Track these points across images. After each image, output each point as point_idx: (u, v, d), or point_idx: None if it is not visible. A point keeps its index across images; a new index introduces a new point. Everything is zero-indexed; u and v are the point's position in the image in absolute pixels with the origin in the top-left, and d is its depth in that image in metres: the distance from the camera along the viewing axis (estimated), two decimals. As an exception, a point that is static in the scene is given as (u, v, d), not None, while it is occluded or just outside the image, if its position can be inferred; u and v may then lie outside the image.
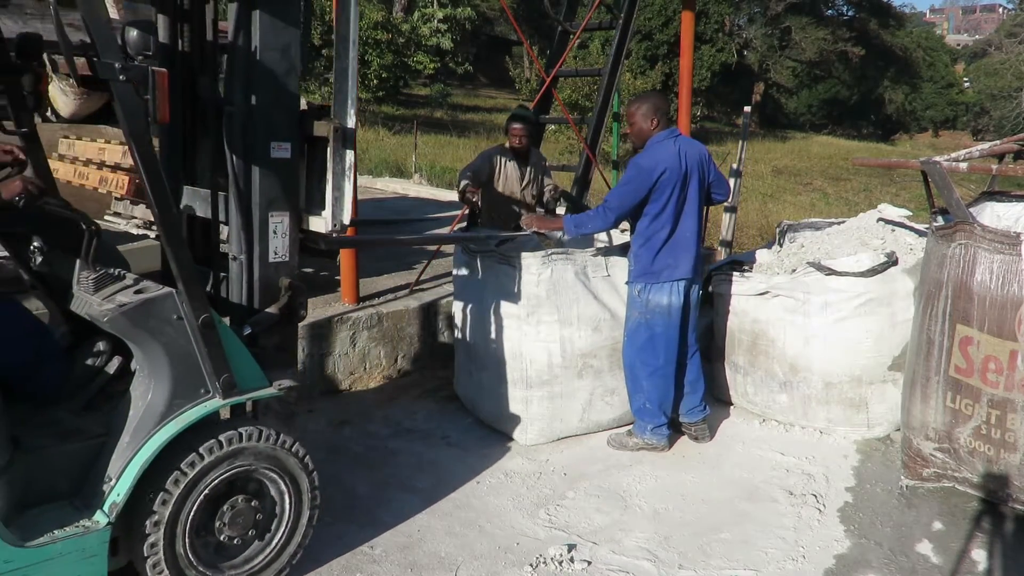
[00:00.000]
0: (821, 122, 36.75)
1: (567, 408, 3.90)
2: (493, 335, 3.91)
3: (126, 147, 5.18)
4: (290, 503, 2.64)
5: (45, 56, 5.79)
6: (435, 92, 26.31)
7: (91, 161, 5.09)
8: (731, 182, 6.55)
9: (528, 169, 4.87)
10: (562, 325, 3.82)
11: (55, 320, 2.69)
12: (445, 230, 5.87)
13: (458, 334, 4.29)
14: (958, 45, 53.64)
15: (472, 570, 2.88)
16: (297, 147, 2.71)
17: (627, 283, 3.82)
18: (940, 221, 3.58)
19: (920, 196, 8.89)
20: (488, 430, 4.03)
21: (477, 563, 2.91)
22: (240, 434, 2.48)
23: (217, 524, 2.51)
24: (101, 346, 2.60)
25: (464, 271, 4.13)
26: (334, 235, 2.78)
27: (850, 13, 34.87)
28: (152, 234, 4.35)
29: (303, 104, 2.86)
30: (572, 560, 2.92)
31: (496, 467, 3.64)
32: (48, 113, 6.34)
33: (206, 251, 2.93)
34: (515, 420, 3.87)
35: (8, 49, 2.58)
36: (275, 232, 2.70)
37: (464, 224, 4.61)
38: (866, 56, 33.27)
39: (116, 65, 2.10)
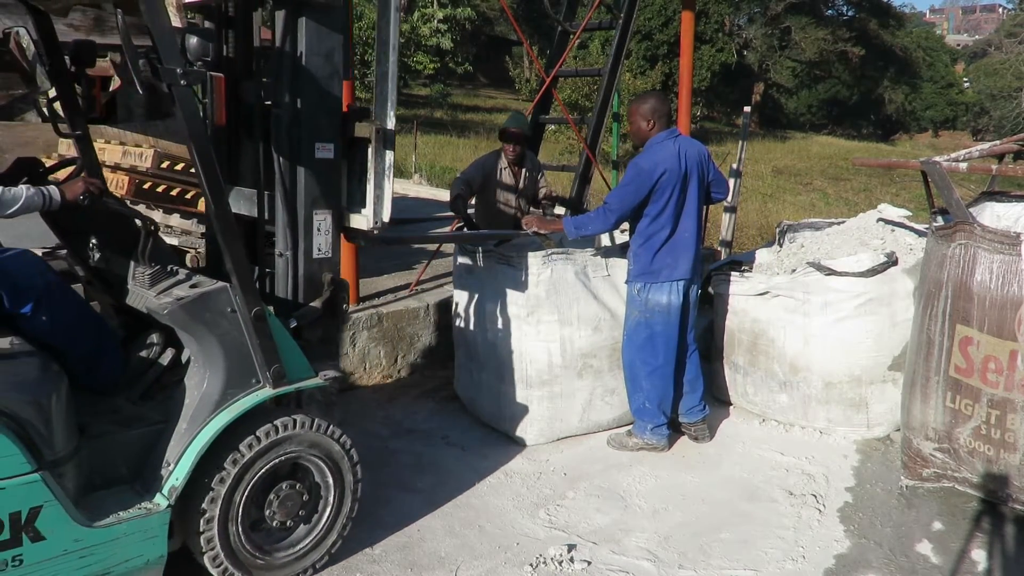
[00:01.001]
0: (821, 122, 36.76)
1: (567, 408, 3.90)
2: (493, 335, 3.91)
3: (125, 148, 5.20)
4: (334, 488, 2.75)
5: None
6: (435, 92, 26.31)
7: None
8: (731, 182, 6.55)
9: (523, 174, 4.86)
10: (562, 325, 3.82)
11: (110, 314, 2.77)
12: (445, 229, 5.88)
13: (458, 334, 4.29)
14: (958, 45, 53.65)
15: (472, 570, 2.88)
16: (339, 148, 2.81)
17: (626, 282, 3.83)
18: (940, 221, 3.58)
19: (920, 196, 8.89)
20: (488, 430, 4.03)
21: (477, 563, 2.91)
22: (289, 422, 2.59)
23: (267, 508, 2.62)
24: (154, 338, 2.72)
25: (464, 271, 4.13)
26: (375, 232, 2.88)
27: (850, 13, 34.88)
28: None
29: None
30: (572, 560, 2.92)
31: (496, 467, 3.64)
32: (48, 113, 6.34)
33: (251, 248, 3.02)
34: (515, 420, 3.87)
35: (64, 56, 2.70)
36: (319, 229, 2.80)
37: (461, 225, 4.60)
38: (866, 56, 33.27)
39: (177, 70, 2.21)
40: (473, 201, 4.89)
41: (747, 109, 7.33)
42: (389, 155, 2.77)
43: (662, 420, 3.81)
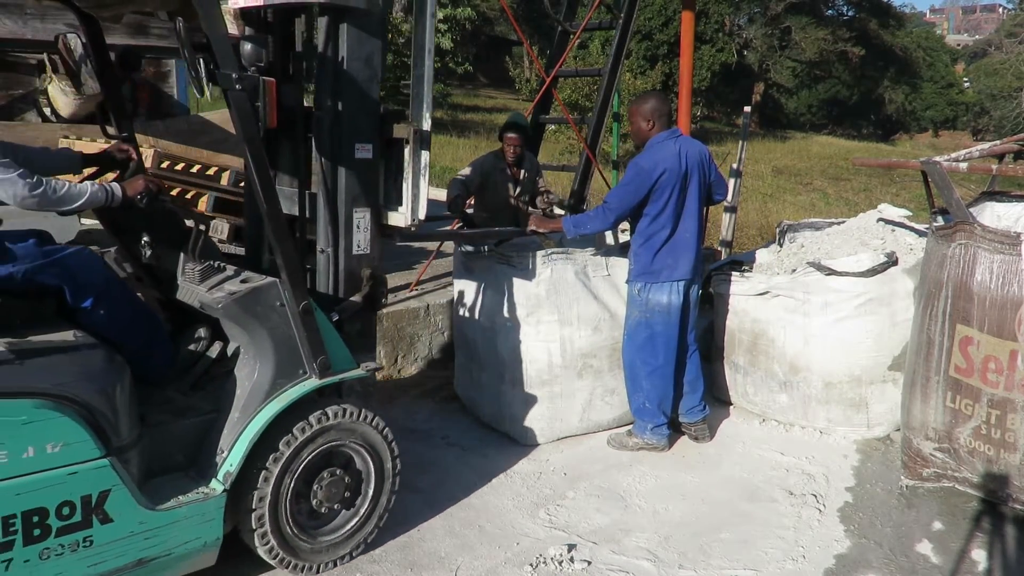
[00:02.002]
0: (821, 122, 36.74)
1: (567, 408, 3.90)
2: (493, 335, 3.91)
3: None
4: (375, 475, 2.87)
5: (45, 56, 5.80)
6: (435, 92, 26.25)
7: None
8: (731, 182, 6.55)
9: (522, 175, 4.85)
10: (562, 325, 3.82)
11: (157, 308, 2.87)
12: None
13: (458, 334, 4.29)
14: (958, 45, 53.62)
15: (472, 570, 2.88)
16: (378, 148, 2.92)
17: (627, 282, 3.82)
18: (940, 221, 3.58)
19: (920, 196, 8.88)
20: (488, 430, 4.03)
21: (477, 563, 2.91)
22: (336, 410, 2.71)
23: (313, 494, 2.73)
24: (201, 332, 2.82)
25: (464, 271, 4.13)
26: (412, 229, 3.01)
27: (850, 13, 34.86)
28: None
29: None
30: (572, 560, 2.92)
31: (496, 467, 3.64)
32: (48, 113, 6.35)
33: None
34: (515, 420, 3.87)
35: (111, 61, 2.81)
36: (358, 226, 2.92)
37: (461, 225, 4.61)
38: (866, 56, 33.25)
39: (233, 75, 2.33)
40: (472, 201, 4.89)
41: (747, 109, 7.33)
42: (425, 155, 2.90)
43: (662, 420, 3.81)
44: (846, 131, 35.80)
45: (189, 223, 2.79)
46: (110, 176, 2.89)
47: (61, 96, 6.01)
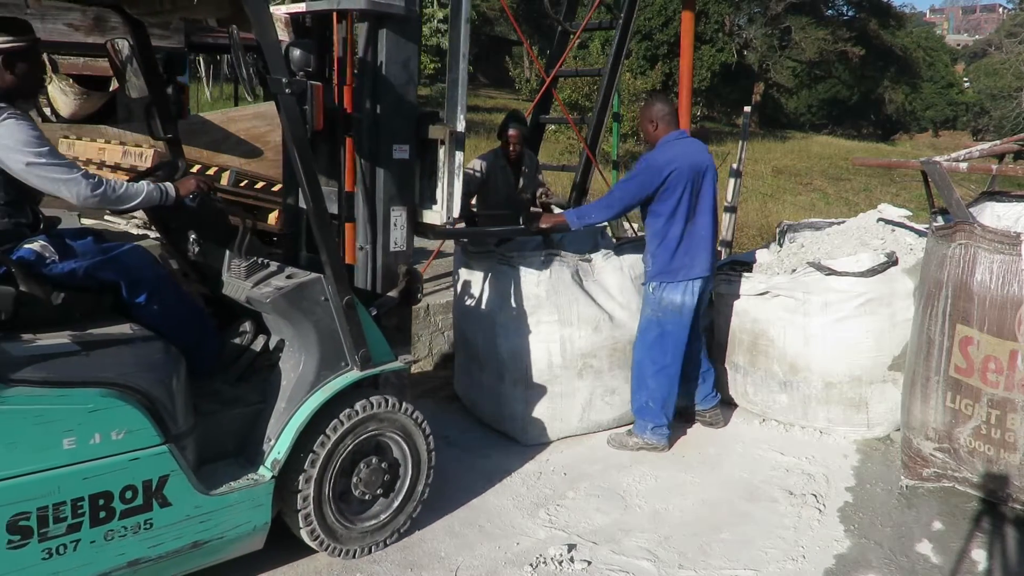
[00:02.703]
0: (821, 122, 36.71)
1: (567, 408, 3.90)
2: (493, 335, 3.91)
3: (125, 147, 5.20)
4: (412, 463, 2.97)
5: (45, 56, 5.80)
6: (435, 92, 26.28)
7: (91, 161, 5.09)
8: (731, 182, 6.55)
9: (522, 171, 4.86)
10: (562, 325, 3.82)
11: (203, 304, 2.98)
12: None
13: (458, 334, 4.29)
14: (958, 45, 53.63)
15: (472, 570, 2.88)
16: (414, 149, 3.03)
17: (643, 283, 3.86)
18: (940, 221, 3.58)
19: (920, 196, 8.88)
20: (488, 430, 4.03)
21: (477, 563, 2.91)
22: (375, 401, 2.83)
23: (353, 482, 2.84)
24: (246, 326, 2.94)
25: (464, 271, 4.13)
26: (447, 227, 3.13)
27: (850, 13, 34.83)
28: (152, 234, 4.42)
29: None
30: (572, 560, 2.92)
31: (496, 467, 3.64)
32: (48, 113, 6.35)
33: None
34: (515, 420, 3.87)
35: (157, 64, 2.98)
36: (395, 224, 3.04)
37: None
38: (866, 56, 33.22)
39: (283, 80, 2.44)
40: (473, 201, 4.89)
41: (747, 109, 7.32)
42: (459, 155, 3.00)
43: (663, 420, 3.82)
44: (846, 131, 35.79)
45: (234, 221, 2.90)
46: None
47: (61, 96, 6.02)
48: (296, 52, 2.59)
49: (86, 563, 2.24)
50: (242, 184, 4.44)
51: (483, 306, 3.98)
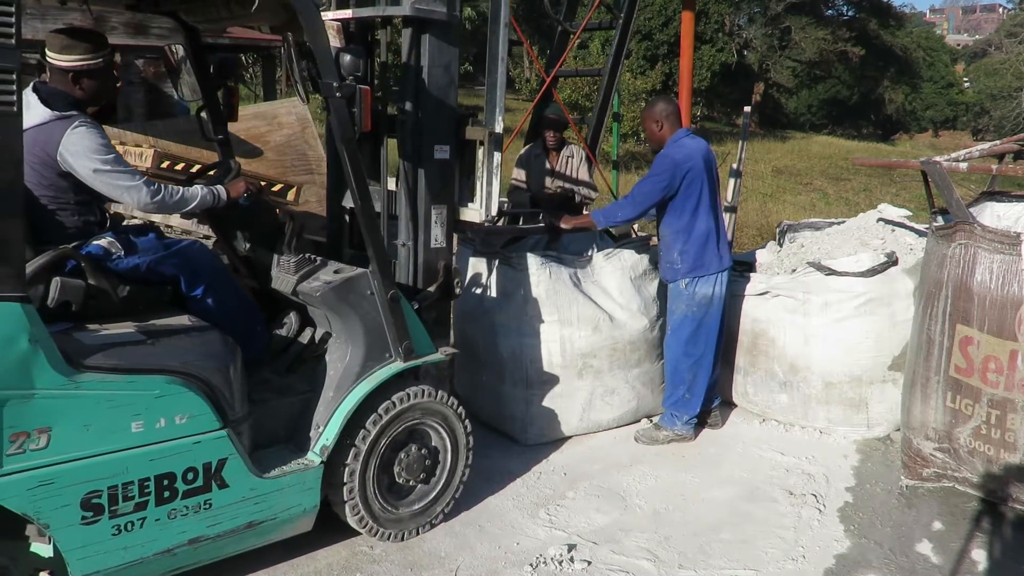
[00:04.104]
0: (821, 122, 36.68)
1: (567, 408, 3.90)
2: (493, 335, 3.91)
3: (125, 147, 5.20)
4: (451, 451, 3.10)
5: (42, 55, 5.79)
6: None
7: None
8: (731, 182, 6.55)
9: (559, 158, 4.96)
10: (562, 325, 3.82)
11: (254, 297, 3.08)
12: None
13: (458, 334, 4.28)
14: (958, 45, 53.62)
15: (472, 570, 2.88)
16: (454, 149, 3.15)
17: (670, 282, 3.90)
18: (940, 221, 3.58)
19: (920, 196, 8.86)
20: (488, 430, 4.02)
21: (477, 563, 2.91)
22: (416, 391, 2.95)
23: (396, 468, 2.96)
24: (293, 319, 3.07)
25: (465, 272, 4.13)
26: (486, 224, 3.27)
27: (850, 13, 34.80)
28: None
29: None
30: (572, 560, 2.92)
31: (496, 467, 3.63)
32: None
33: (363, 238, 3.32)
34: (515, 420, 3.87)
35: (209, 69, 3.14)
36: (435, 222, 3.14)
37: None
38: (866, 56, 33.19)
39: (333, 84, 2.56)
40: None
41: (747, 109, 7.30)
42: (497, 156, 3.14)
43: (697, 410, 3.93)
44: (846, 131, 35.75)
45: (282, 218, 3.05)
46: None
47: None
48: (347, 57, 2.67)
49: (151, 539, 2.37)
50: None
51: (483, 306, 3.98)
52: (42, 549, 2.31)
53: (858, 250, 4.18)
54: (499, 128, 3.13)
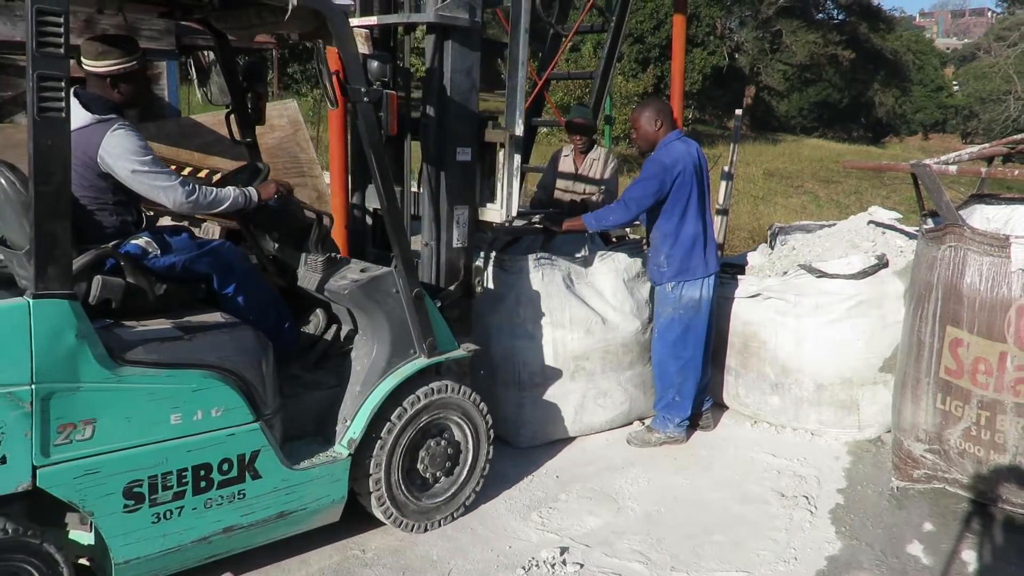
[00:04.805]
0: (812, 125, 36.82)
1: (559, 410, 3.90)
2: (485, 337, 3.90)
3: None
4: (473, 445, 3.19)
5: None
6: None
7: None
8: (722, 185, 6.57)
9: (585, 161, 4.95)
10: (554, 327, 3.82)
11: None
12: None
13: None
14: (947, 49, 53.93)
15: (464, 573, 2.87)
16: (475, 151, 3.25)
17: (657, 285, 3.90)
18: (930, 223, 3.60)
19: (910, 199, 8.90)
20: (480, 433, 4.02)
21: (469, 566, 2.91)
22: (439, 386, 3.04)
23: (420, 462, 3.05)
24: (319, 316, 3.19)
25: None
26: (506, 224, 3.38)
27: (840, 16, 34.96)
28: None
29: None
30: (564, 563, 2.92)
31: (488, 470, 3.62)
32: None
33: (385, 238, 3.33)
34: (507, 422, 3.87)
35: (238, 73, 3.24)
36: (458, 222, 3.24)
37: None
38: (856, 59, 33.33)
39: (362, 89, 2.65)
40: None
41: (739, 112, 7.34)
42: (517, 158, 3.25)
43: (688, 413, 3.93)
44: (837, 134, 35.91)
45: (310, 219, 3.14)
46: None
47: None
48: (374, 64, 2.73)
49: (189, 528, 2.48)
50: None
51: (475, 308, 3.97)
52: (81, 537, 2.41)
53: (849, 252, 4.20)
54: (519, 131, 3.24)
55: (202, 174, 4.60)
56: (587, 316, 3.90)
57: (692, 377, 3.90)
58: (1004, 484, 3.22)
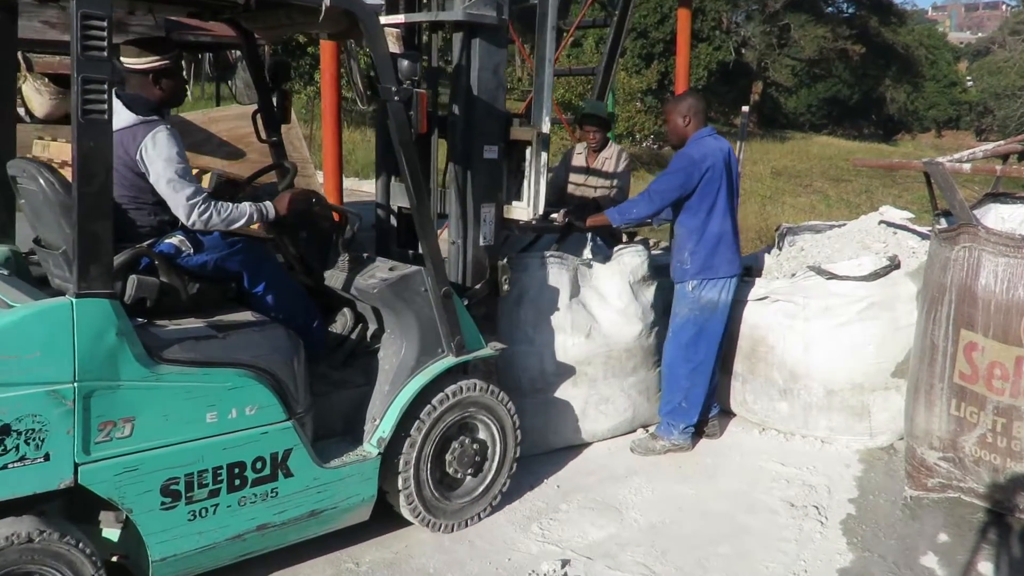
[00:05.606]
0: (821, 122, 36.87)
1: (560, 418, 3.88)
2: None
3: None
4: (500, 443, 3.26)
5: (20, 55, 5.76)
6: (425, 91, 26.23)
7: (67, 163, 5.05)
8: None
9: (599, 159, 4.93)
10: (555, 331, 3.81)
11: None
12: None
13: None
14: (961, 43, 54.01)
15: (462, 587, 2.86)
16: (502, 149, 3.31)
17: (677, 283, 3.90)
18: (943, 223, 3.59)
19: (923, 198, 8.88)
20: (479, 441, 4.01)
21: (467, 580, 2.89)
22: (467, 385, 3.11)
23: (448, 462, 3.13)
24: (347, 315, 3.28)
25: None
26: (533, 222, 3.44)
27: (850, 10, 35.01)
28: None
29: None
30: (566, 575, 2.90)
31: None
32: (23, 113, 6.30)
33: (410, 237, 3.54)
34: (507, 430, 3.85)
35: (264, 73, 3.34)
36: (484, 220, 3.30)
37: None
38: (867, 54, 33.38)
39: (393, 89, 2.71)
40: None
41: (745, 109, 7.34)
42: (544, 155, 3.33)
43: (695, 420, 3.92)
44: (847, 131, 35.94)
45: (338, 219, 3.27)
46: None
47: (36, 96, 5.96)
48: (404, 63, 2.78)
49: (223, 525, 2.56)
50: (220, 183, 4.42)
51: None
52: (112, 534, 2.48)
53: (859, 253, 4.19)
54: (546, 128, 3.32)
55: (192, 173, 4.59)
56: (589, 320, 3.89)
57: (702, 382, 3.89)
58: (1021, 493, 3.20)
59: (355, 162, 14.61)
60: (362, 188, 11.65)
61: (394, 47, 3.26)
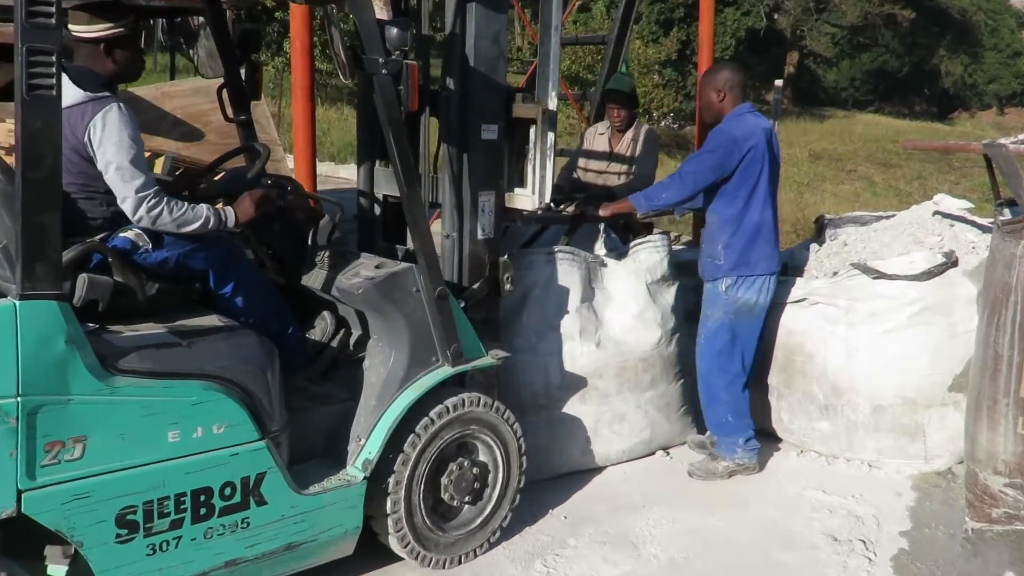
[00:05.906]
0: (866, 98, 36.96)
1: (568, 438, 3.88)
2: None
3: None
4: (503, 469, 3.26)
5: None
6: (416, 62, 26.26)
7: (11, 149, 5.06)
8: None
9: (622, 141, 4.93)
10: (562, 339, 3.81)
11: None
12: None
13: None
14: (1026, 7, 54.08)
15: (455, 634, 2.86)
16: (503, 128, 3.29)
17: (708, 281, 3.91)
18: (1007, 214, 3.60)
19: (983, 185, 8.91)
20: (474, 465, 4.01)
21: (461, 625, 2.90)
22: (467, 399, 3.09)
23: (443, 488, 3.12)
24: (328, 318, 3.25)
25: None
26: (538, 212, 3.45)
27: (899, -30, 35.13)
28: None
29: None
30: (574, 621, 2.91)
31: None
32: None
33: (398, 229, 3.53)
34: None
35: (231, 43, 3.30)
36: (483, 210, 3.27)
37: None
38: (918, 20, 33.47)
39: (380, 60, 2.71)
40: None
41: (779, 83, 7.38)
42: (551, 136, 3.32)
43: (751, 432, 3.93)
44: (895, 108, 36.03)
45: (318, 209, 3.30)
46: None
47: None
48: (393, 31, 2.77)
49: (187, 561, 2.52)
50: (176, 171, 4.42)
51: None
52: (59, 571, 2.40)
53: (911, 249, 4.19)
54: (552, 105, 3.31)
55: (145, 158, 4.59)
56: (600, 325, 3.89)
57: (741, 394, 3.91)
58: (1098, 525, 3.21)
59: (330, 144, 14.63)
60: (339, 174, 11.66)
61: (381, 12, 3.21)
